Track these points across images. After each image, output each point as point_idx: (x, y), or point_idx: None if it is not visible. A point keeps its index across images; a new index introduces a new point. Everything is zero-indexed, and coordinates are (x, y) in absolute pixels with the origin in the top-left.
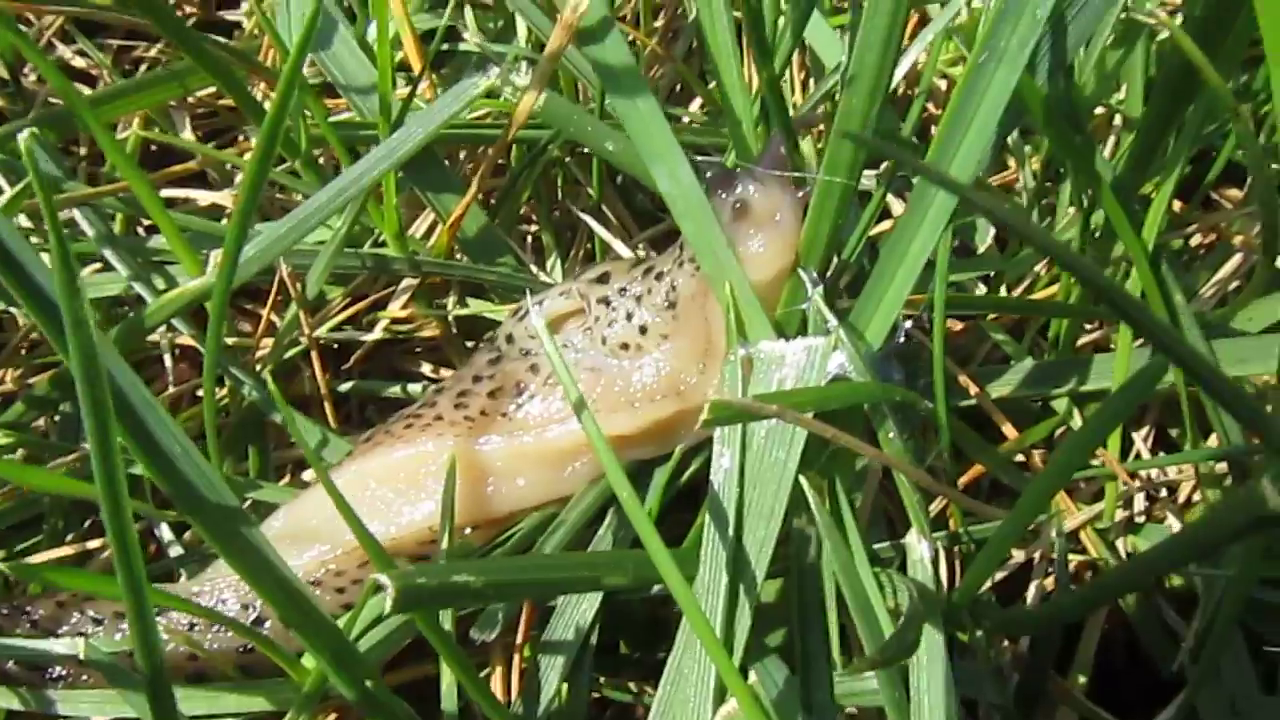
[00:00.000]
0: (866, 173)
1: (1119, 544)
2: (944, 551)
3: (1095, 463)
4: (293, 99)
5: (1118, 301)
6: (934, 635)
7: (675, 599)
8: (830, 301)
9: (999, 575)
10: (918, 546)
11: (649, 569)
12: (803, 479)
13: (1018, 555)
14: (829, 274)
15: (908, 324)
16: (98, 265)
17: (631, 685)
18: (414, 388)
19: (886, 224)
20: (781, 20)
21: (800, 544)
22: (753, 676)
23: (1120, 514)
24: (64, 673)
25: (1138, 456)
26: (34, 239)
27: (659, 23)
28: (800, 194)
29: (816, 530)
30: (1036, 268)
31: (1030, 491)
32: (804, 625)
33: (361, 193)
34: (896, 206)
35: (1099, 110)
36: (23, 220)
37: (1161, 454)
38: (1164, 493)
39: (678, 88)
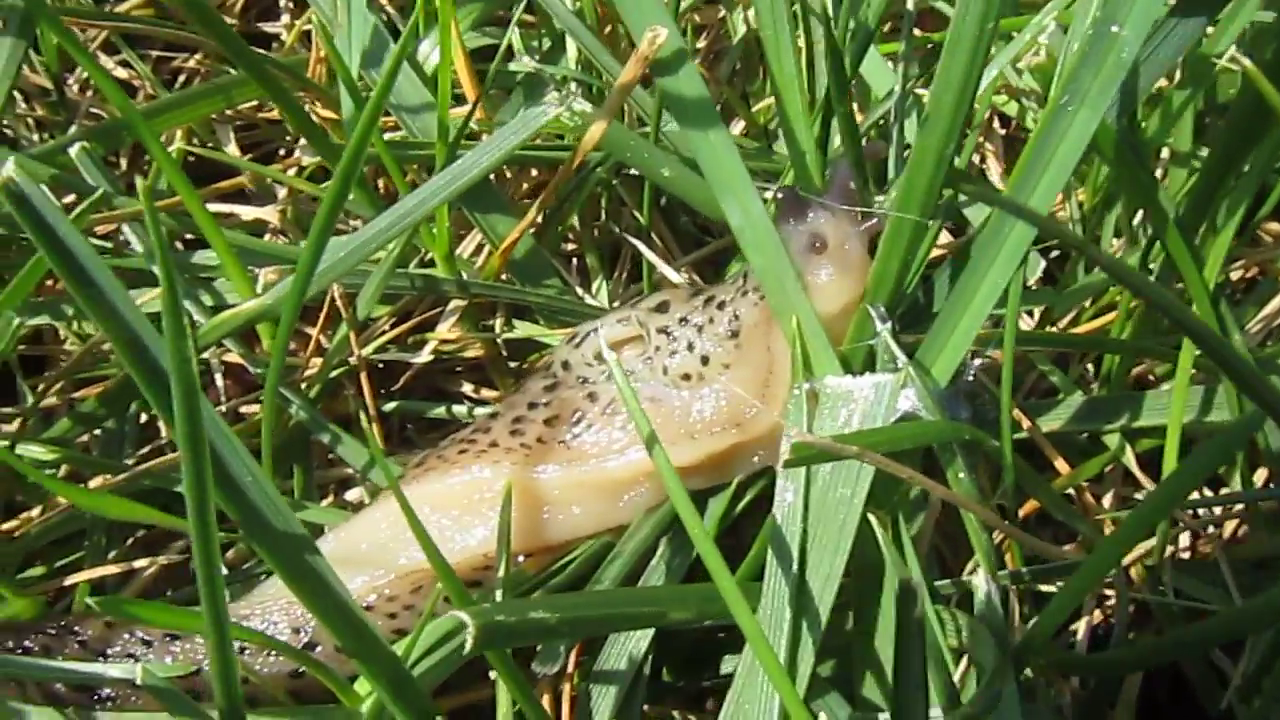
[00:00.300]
0: None
1: (1165, 579)
2: (1005, 590)
3: (1139, 495)
4: (365, 149)
5: (1209, 341)
6: (1008, 682)
7: (743, 633)
8: (895, 337)
9: None
10: (984, 587)
11: (714, 604)
12: (871, 516)
13: None
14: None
15: (976, 362)
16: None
17: (675, 714)
18: (458, 409)
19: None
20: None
21: (863, 580)
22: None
23: (1168, 548)
24: (112, 694)
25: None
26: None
27: (701, 43)
28: (864, 226)
29: (880, 566)
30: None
31: (1108, 543)
32: (863, 662)
33: (420, 220)
34: (942, 235)
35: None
36: None
37: (1209, 493)
38: (1210, 528)
39: (718, 108)
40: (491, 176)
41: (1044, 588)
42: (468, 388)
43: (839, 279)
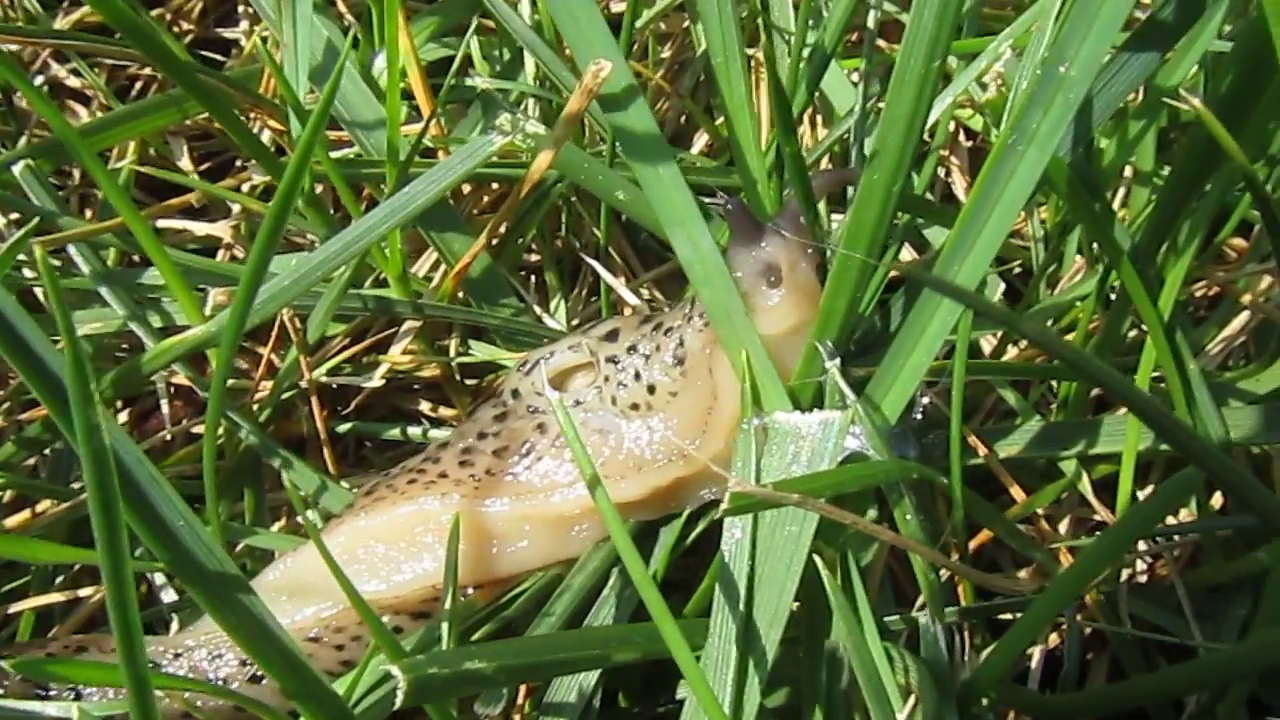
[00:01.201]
0: None
1: (1120, 604)
2: (953, 627)
3: (1098, 517)
4: (307, 169)
5: (1150, 414)
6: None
7: (684, 675)
8: (844, 369)
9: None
10: (932, 628)
11: (659, 643)
12: (816, 557)
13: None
14: (846, 345)
15: (925, 400)
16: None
17: None
18: (413, 430)
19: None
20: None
21: (811, 615)
22: None
23: (1124, 572)
24: None
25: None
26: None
27: (666, 53)
28: (813, 251)
29: (826, 603)
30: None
31: (1057, 587)
32: (813, 698)
33: (370, 245)
34: (904, 253)
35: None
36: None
37: (1170, 519)
38: (1166, 553)
39: (682, 119)
40: (447, 195)
41: (1002, 616)
42: (425, 406)
43: (788, 301)
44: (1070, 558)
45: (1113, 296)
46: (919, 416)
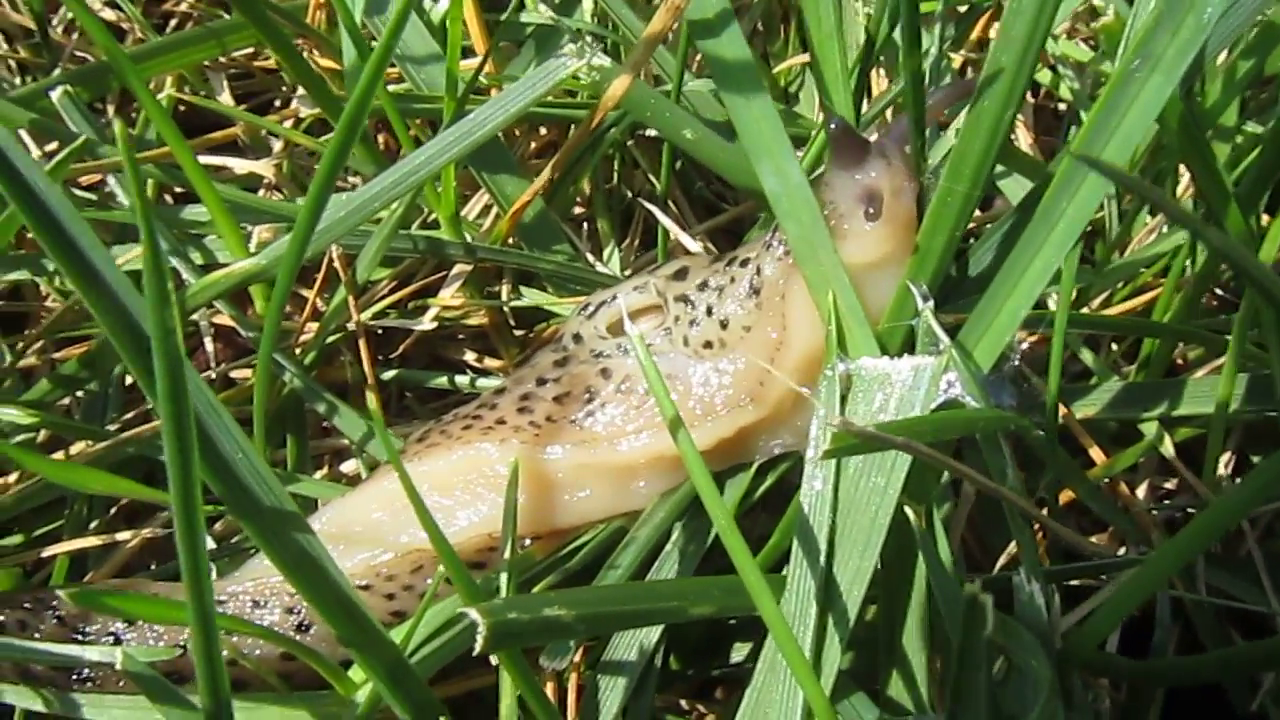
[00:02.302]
0: None
1: (1198, 573)
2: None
3: (1170, 484)
4: (370, 101)
5: None
6: (1053, 691)
7: (767, 627)
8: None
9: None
10: (1026, 586)
11: (738, 597)
12: (908, 509)
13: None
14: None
15: (1023, 345)
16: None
17: (683, 704)
18: (460, 379)
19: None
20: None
21: (892, 571)
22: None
23: None
24: (92, 674)
25: (1219, 485)
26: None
27: None
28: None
29: (911, 558)
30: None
31: (1167, 551)
32: (890, 660)
33: (427, 179)
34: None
35: None
36: None
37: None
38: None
39: None
40: (500, 135)
41: (1076, 581)
42: (470, 356)
43: (883, 230)
44: (1150, 522)
45: (1197, 255)
46: (1016, 363)
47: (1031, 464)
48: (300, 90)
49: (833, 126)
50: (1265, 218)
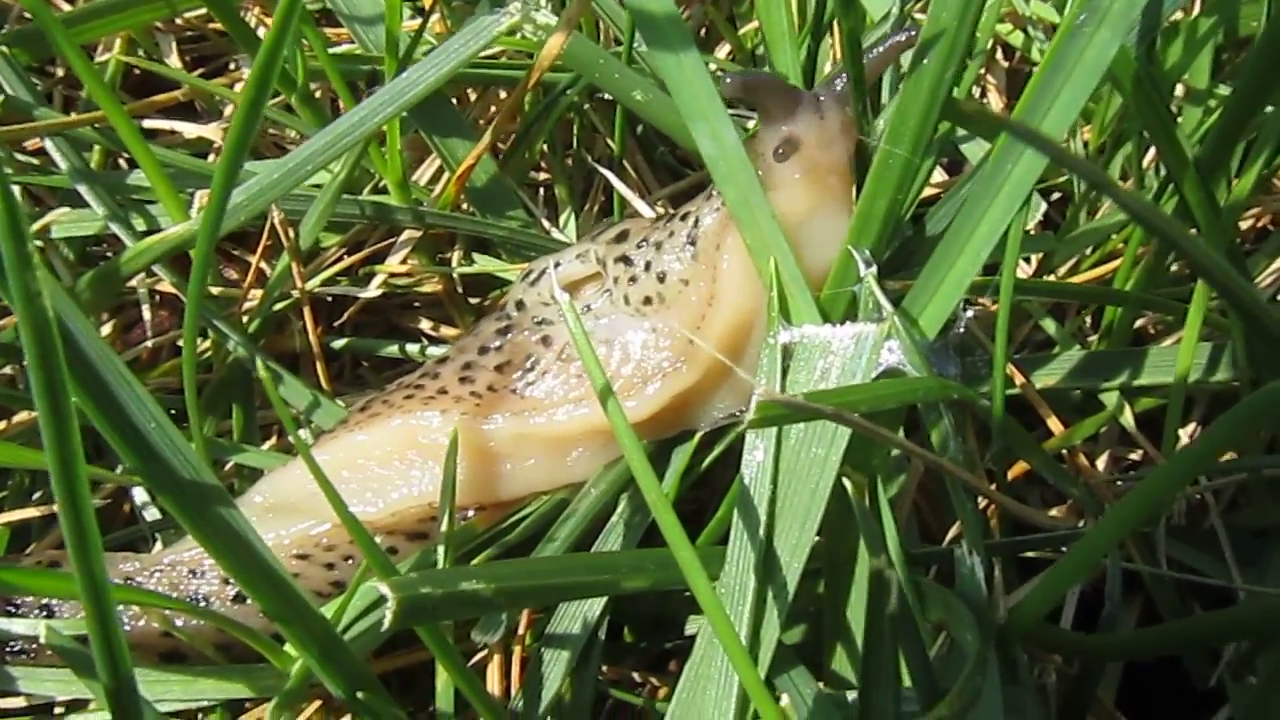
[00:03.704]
0: None
1: (1158, 545)
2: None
3: (1134, 455)
4: (290, 30)
5: (1237, 292)
6: (990, 667)
7: (700, 604)
8: (879, 283)
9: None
10: (967, 559)
11: (672, 571)
12: (846, 481)
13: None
14: (883, 254)
15: (968, 313)
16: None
17: (635, 676)
18: (411, 347)
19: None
20: None
21: (836, 543)
22: (782, 695)
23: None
24: (24, 647)
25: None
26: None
27: None
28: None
29: (855, 529)
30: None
31: (1107, 522)
32: (835, 634)
33: (364, 138)
34: (937, 173)
35: None
36: None
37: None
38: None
39: (703, 31)
40: (454, 100)
41: (1028, 553)
42: (425, 325)
43: (805, 176)
44: (1108, 495)
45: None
46: (961, 331)
47: (988, 434)
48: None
49: (757, 80)
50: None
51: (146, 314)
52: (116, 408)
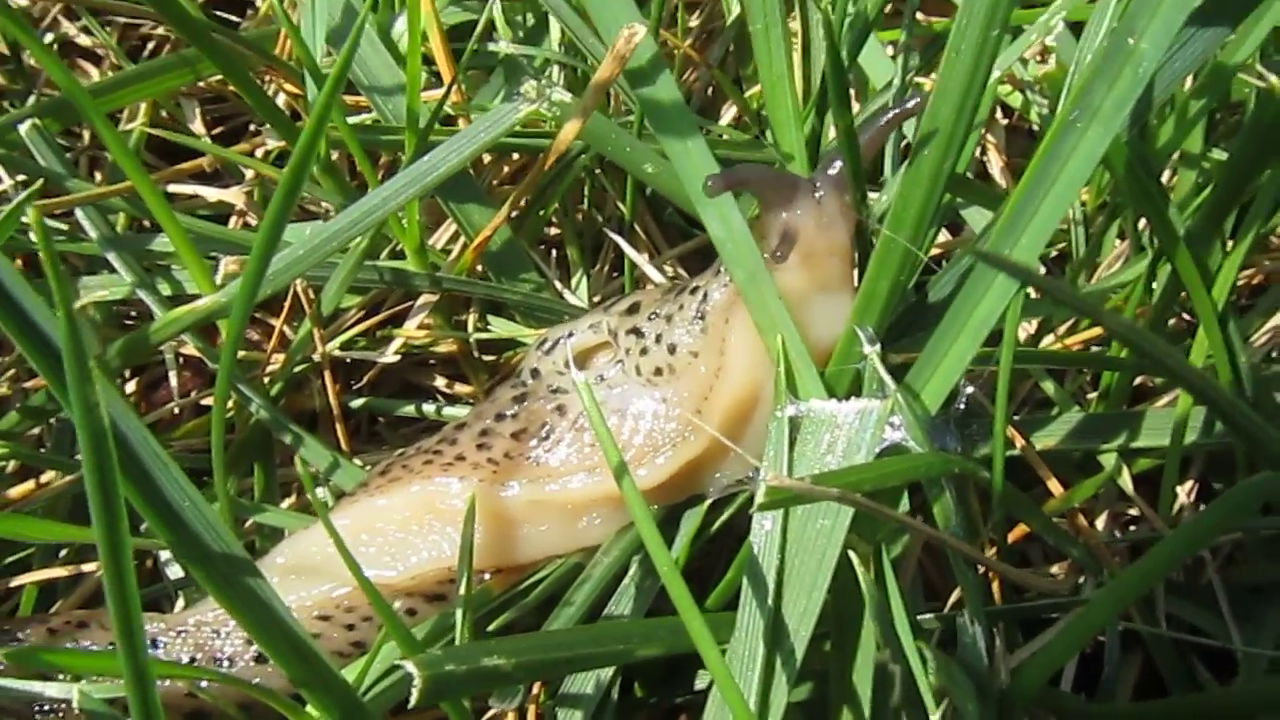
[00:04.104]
0: None
1: (1157, 603)
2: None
3: (1133, 511)
4: (324, 132)
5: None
6: None
7: (710, 672)
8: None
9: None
10: (970, 629)
11: (684, 639)
12: (852, 553)
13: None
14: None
15: (969, 389)
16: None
17: None
18: (427, 407)
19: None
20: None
21: (841, 612)
22: None
23: None
24: (53, 708)
25: (1180, 512)
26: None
27: (694, 21)
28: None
29: (858, 600)
30: None
31: (1109, 595)
32: (841, 698)
33: (385, 216)
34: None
35: None
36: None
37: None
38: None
39: (709, 90)
40: (470, 168)
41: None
42: (440, 382)
43: (805, 262)
44: (1108, 555)
45: (1154, 286)
46: (962, 407)
47: (988, 494)
48: None
49: (745, 177)
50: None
51: (174, 380)
52: (155, 489)
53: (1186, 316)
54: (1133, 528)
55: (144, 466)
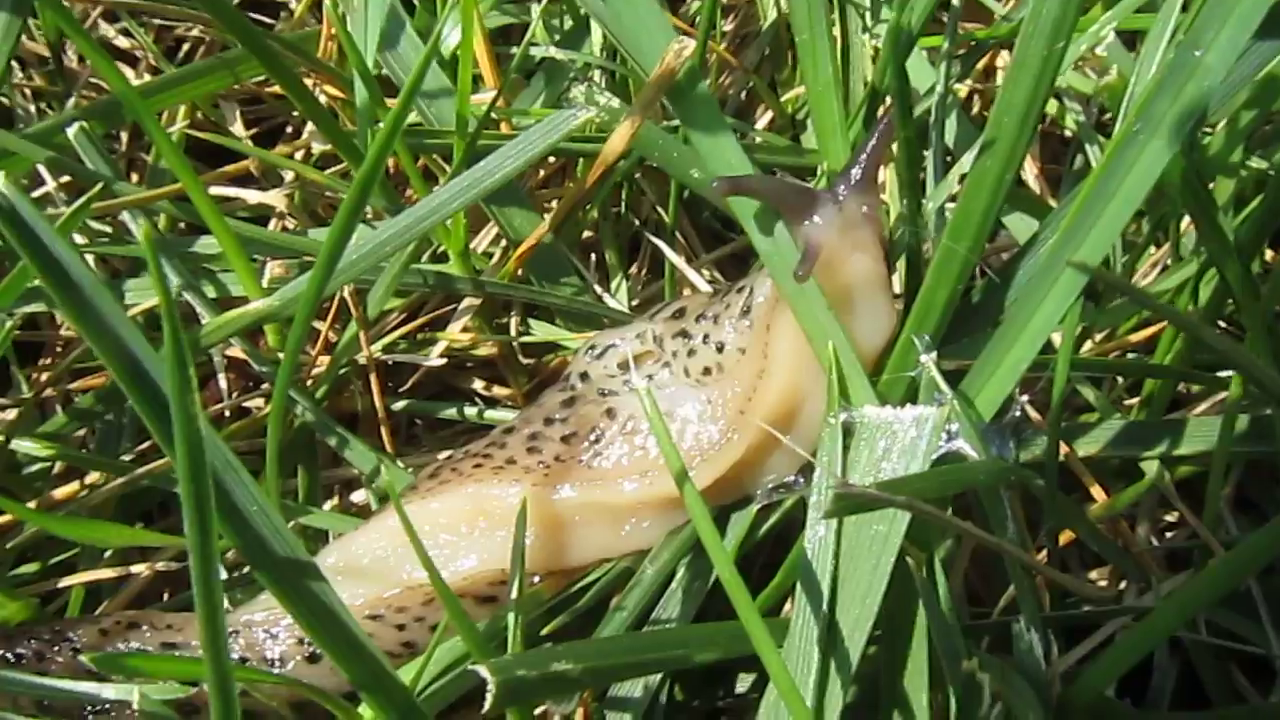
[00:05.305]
0: None
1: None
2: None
3: (1171, 516)
4: (387, 156)
5: None
6: None
7: (772, 679)
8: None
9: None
10: (1025, 635)
11: (742, 643)
12: (908, 559)
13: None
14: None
15: (1024, 397)
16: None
17: None
18: (468, 410)
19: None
20: (870, 44)
21: (894, 611)
22: None
23: None
24: (108, 708)
25: (1220, 520)
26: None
27: (729, 25)
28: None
29: (913, 599)
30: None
31: (1163, 610)
32: (892, 702)
33: (435, 224)
34: None
35: None
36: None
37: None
38: None
39: (742, 94)
40: None
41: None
42: (479, 384)
43: (827, 268)
44: (1151, 562)
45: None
46: (1018, 414)
47: (1034, 500)
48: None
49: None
50: (1269, 253)
51: (223, 382)
52: (225, 495)
53: (1221, 324)
54: (1169, 534)
55: (216, 473)
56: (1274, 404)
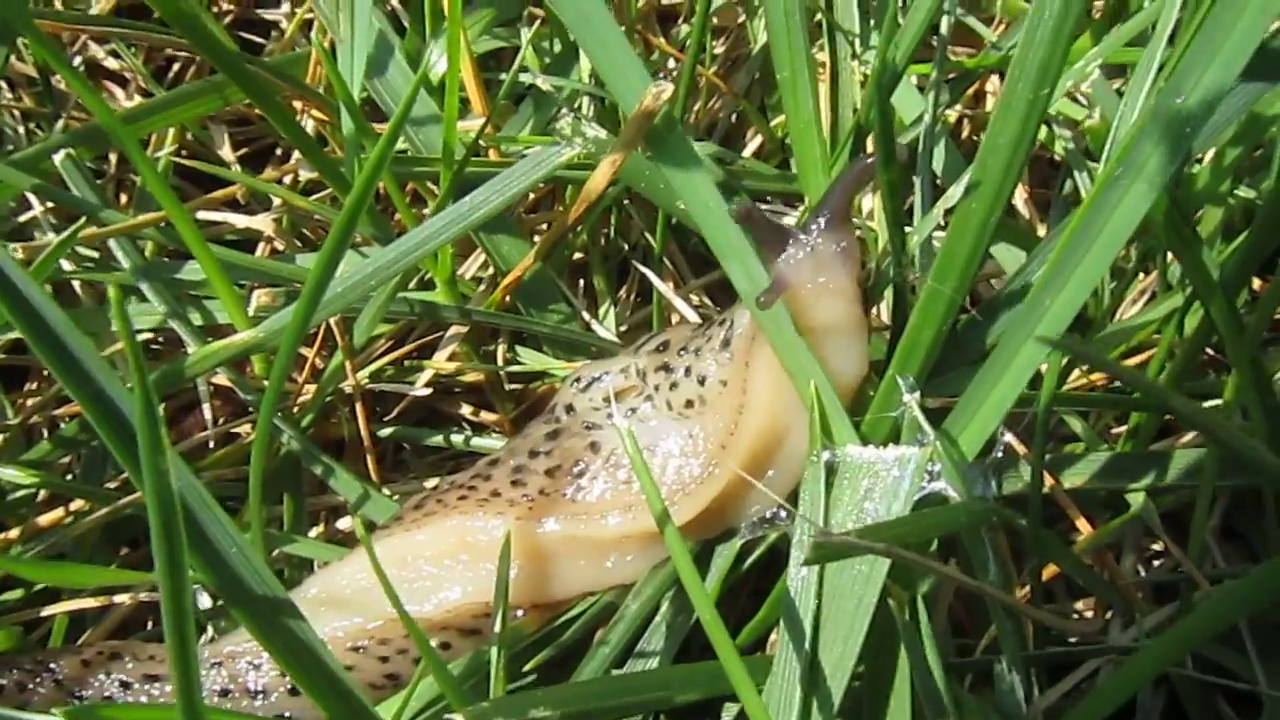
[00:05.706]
0: None
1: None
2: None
3: (1157, 546)
4: (373, 190)
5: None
6: None
7: (749, 716)
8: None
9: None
10: (1008, 676)
11: (723, 683)
12: (890, 600)
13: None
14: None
15: (1006, 437)
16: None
17: None
18: (455, 437)
19: None
20: (859, 70)
21: (876, 656)
22: None
23: None
24: None
25: (1207, 550)
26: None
27: (719, 48)
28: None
29: (895, 638)
30: None
31: (1158, 647)
32: None
33: (425, 255)
34: None
35: None
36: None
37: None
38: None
39: (732, 117)
40: None
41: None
42: (466, 410)
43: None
44: (1137, 596)
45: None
46: (1000, 454)
47: (1020, 531)
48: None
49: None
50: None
51: (207, 412)
52: (201, 533)
53: (1210, 351)
54: (1155, 563)
55: (191, 512)
56: (1261, 439)
